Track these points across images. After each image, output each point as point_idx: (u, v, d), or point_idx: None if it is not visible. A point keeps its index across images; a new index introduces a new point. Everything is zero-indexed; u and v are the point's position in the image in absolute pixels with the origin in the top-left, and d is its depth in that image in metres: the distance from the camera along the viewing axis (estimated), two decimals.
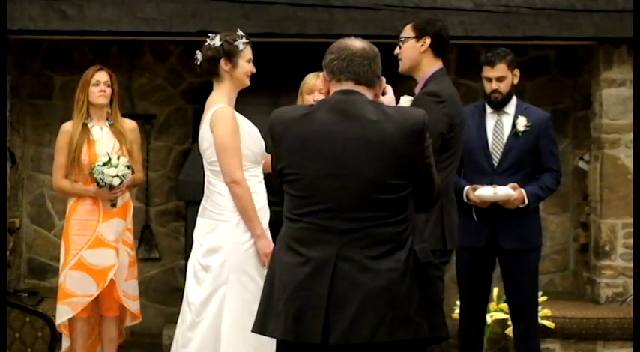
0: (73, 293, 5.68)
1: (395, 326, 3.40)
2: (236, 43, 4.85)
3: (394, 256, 3.43)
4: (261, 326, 3.60)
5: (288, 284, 3.47)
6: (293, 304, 3.45)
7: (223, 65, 4.84)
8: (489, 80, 5.60)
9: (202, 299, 4.77)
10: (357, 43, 3.60)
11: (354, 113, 3.49)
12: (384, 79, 3.68)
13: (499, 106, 5.63)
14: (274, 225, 5.90)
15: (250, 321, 4.84)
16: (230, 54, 4.83)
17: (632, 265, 6.86)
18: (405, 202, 3.49)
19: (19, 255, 7.54)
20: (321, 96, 5.65)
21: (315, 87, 5.67)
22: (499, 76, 5.57)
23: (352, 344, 3.40)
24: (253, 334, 4.83)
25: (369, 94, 3.57)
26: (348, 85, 3.56)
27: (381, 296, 3.39)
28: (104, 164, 5.60)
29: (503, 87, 5.59)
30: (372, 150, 3.43)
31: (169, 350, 5.04)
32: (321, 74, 5.68)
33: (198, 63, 4.89)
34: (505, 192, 5.43)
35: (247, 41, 4.89)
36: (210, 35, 4.91)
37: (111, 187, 5.62)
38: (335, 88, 3.60)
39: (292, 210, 3.53)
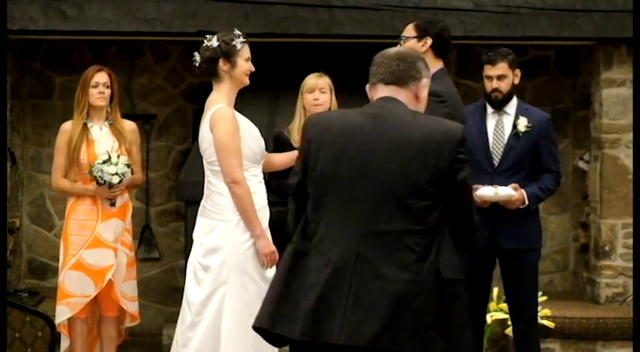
0: (72, 293, 5.67)
1: (400, 336, 3.35)
2: (234, 43, 4.85)
3: (414, 267, 3.37)
4: (270, 325, 3.54)
5: (307, 285, 3.44)
6: (312, 304, 3.41)
7: (222, 65, 4.84)
8: (490, 79, 5.60)
9: (202, 299, 4.77)
10: (393, 49, 3.65)
11: (386, 116, 3.49)
12: (425, 81, 3.62)
13: (499, 106, 5.63)
14: (275, 224, 5.91)
15: (250, 321, 4.83)
16: (228, 54, 4.83)
17: (632, 265, 6.86)
18: (430, 212, 3.41)
19: (19, 255, 7.54)
20: (322, 96, 5.68)
21: (316, 86, 5.68)
22: (500, 74, 5.58)
23: (359, 347, 3.36)
24: (253, 334, 4.84)
25: (404, 94, 3.55)
26: (380, 87, 3.56)
27: (390, 304, 3.34)
28: (104, 162, 5.60)
29: (504, 86, 5.59)
30: (398, 153, 3.41)
31: (169, 349, 5.04)
32: (324, 78, 5.72)
33: (197, 64, 4.90)
34: (506, 192, 5.43)
35: (245, 40, 4.88)
36: (207, 36, 4.91)
37: (110, 185, 5.62)
38: (372, 93, 3.60)
39: (315, 210, 3.51)
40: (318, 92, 5.67)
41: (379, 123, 3.47)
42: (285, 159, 5.30)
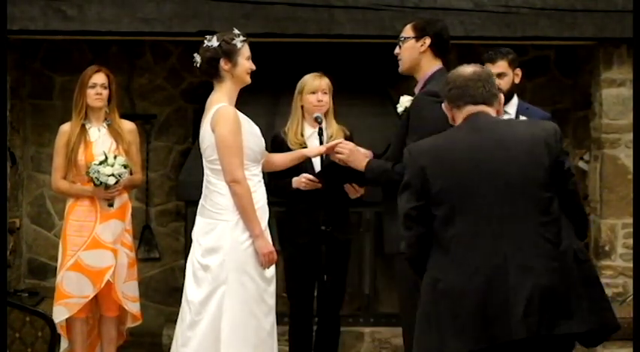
0: (69, 294, 5.68)
1: (561, 320, 3.57)
2: (234, 42, 4.85)
3: (556, 255, 3.62)
4: (439, 347, 3.67)
5: (465, 298, 3.58)
6: (476, 312, 3.57)
7: (223, 65, 4.84)
8: None
9: (202, 299, 4.77)
10: (468, 69, 3.88)
11: (487, 127, 3.77)
12: (502, 96, 3.92)
13: None
14: (279, 223, 5.92)
15: (250, 320, 4.85)
16: (229, 53, 4.83)
17: (632, 265, 6.85)
18: (552, 202, 3.66)
19: (19, 255, 7.54)
20: (325, 97, 5.68)
21: (319, 87, 5.67)
22: (499, 72, 5.60)
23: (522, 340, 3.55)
24: (253, 333, 4.85)
25: (489, 110, 3.84)
26: (468, 108, 3.82)
27: (547, 294, 3.56)
28: (100, 163, 5.60)
29: (504, 84, 5.61)
30: (514, 154, 3.67)
31: (169, 349, 5.04)
32: (325, 79, 5.71)
33: (198, 65, 4.89)
34: None
35: (244, 39, 4.89)
36: (207, 37, 4.91)
37: (106, 186, 5.62)
38: (457, 114, 3.86)
39: (447, 228, 3.66)
40: (321, 93, 5.66)
41: (486, 134, 3.74)
42: (285, 159, 5.31)
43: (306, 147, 5.58)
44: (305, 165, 5.53)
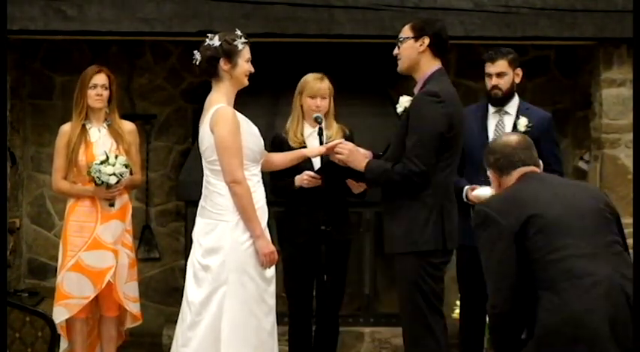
0: (70, 294, 5.68)
1: None
2: (235, 43, 4.85)
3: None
4: None
5: (593, 315, 3.77)
6: (607, 327, 3.77)
7: (223, 65, 4.84)
8: (490, 76, 5.63)
9: (202, 299, 4.77)
10: (512, 138, 4.18)
11: (549, 179, 4.14)
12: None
13: (499, 103, 5.64)
14: (278, 223, 5.92)
15: (250, 320, 4.85)
16: (229, 53, 4.83)
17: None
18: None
19: (19, 255, 7.54)
20: (323, 102, 5.66)
21: (318, 92, 5.63)
22: (499, 71, 5.60)
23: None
24: (253, 333, 4.85)
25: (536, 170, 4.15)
26: (520, 170, 4.09)
27: None
28: (101, 163, 5.60)
29: (503, 83, 5.62)
30: (583, 195, 4.04)
31: (169, 349, 5.04)
32: (326, 82, 5.68)
33: (197, 63, 4.89)
34: None
35: (246, 41, 4.89)
36: (209, 35, 4.91)
37: (108, 186, 5.62)
38: (506, 180, 4.12)
39: (552, 255, 3.86)
40: (319, 99, 5.65)
41: (550, 183, 4.07)
42: (285, 158, 5.31)
43: (305, 147, 5.57)
44: (305, 165, 5.52)
